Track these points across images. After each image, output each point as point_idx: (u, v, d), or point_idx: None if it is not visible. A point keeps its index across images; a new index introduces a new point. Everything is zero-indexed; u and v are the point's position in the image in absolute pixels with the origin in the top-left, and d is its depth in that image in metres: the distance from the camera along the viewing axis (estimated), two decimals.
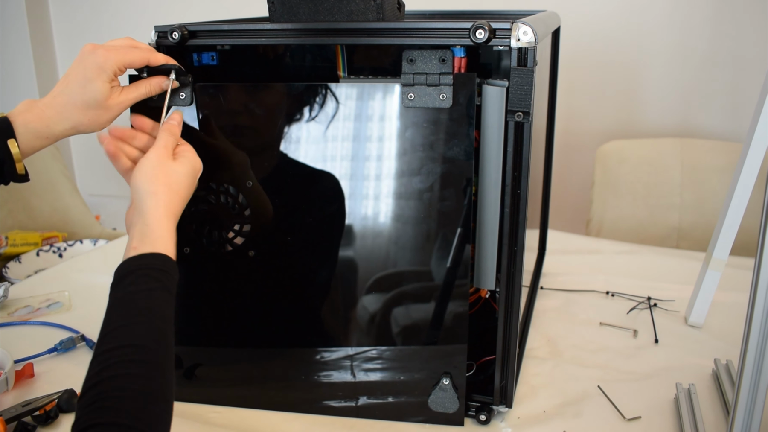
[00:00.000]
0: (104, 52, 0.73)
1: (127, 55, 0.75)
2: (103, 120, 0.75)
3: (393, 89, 0.78)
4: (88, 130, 0.75)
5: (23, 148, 0.72)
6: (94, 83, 0.73)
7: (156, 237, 0.66)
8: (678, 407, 0.86)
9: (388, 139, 0.79)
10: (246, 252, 0.85)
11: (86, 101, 0.73)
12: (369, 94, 0.79)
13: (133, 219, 0.69)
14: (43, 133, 0.72)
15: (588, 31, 1.93)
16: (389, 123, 0.79)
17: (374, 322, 0.84)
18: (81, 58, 0.74)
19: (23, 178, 0.73)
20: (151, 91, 0.78)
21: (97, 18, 2.48)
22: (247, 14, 1.18)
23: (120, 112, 0.76)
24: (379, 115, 0.79)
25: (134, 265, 0.64)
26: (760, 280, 0.61)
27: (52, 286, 1.26)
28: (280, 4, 0.83)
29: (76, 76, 0.73)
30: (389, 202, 0.81)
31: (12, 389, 0.91)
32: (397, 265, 0.82)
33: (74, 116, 0.73)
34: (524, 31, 0.73)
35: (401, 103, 0.77)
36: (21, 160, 0.72)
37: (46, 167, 2.10)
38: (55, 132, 0.73)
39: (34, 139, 0.72)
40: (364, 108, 0.79)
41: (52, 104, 0.73)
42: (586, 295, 1.22)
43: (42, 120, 0.72)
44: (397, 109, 0.78)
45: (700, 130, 1.93)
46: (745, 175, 0.99)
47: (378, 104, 0.79)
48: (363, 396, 0.86)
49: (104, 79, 0.73)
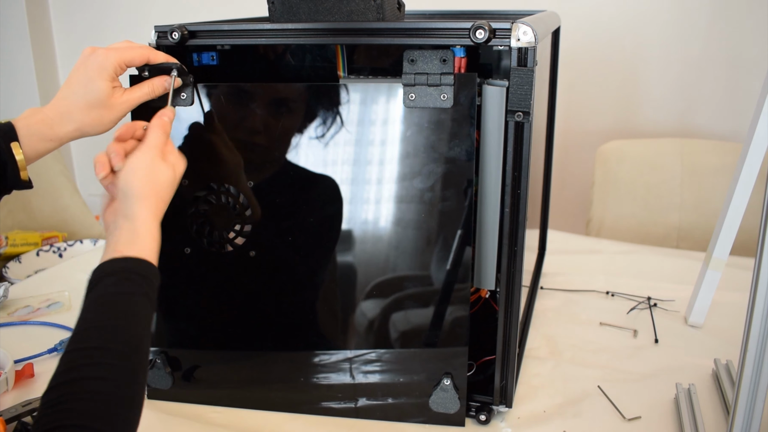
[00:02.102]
0: (104, 52, 0.74)
1: (127, 53, 0.75)
2: (107, 120, 0.74)
3: (394, 89, 0.78)
4: (92, 132, 0.75)
5: (27, 151, 0.71)
6: (95, 82, 0.73)
7: (145, 244, 0.65)
8: (678, 407, 0.86)
9: (389, 139, 0.79)
10: (246, 252, 0.85)
11: (89, 101, 0.73)
12: (369, 94, 0.79)
13: (118, 221, 0.68)
14: (47, 135, 0.72)
15: (588, 31, 1.93)
16: (390, 123, 0.79)
17: (375, 326, 0.84)
18: (82, 60, 0.74)
19: (26, 185, 0.73)
20: (154, 90, 0.78)
21: (97, 18, 2.48)
22: (247, 14, 1.18)
23: (123, 112, 0.76)
24: (380, 115, 0.79)
25: (117, 267, 0.64)
26: (760, 280, 0.61)
27: (52, 286, 1.26)
28: (280, 4, 0.83)
29: (78, 77, 0.73)
30: (390, 204, 0.81)
31: (12, 389, 0.91)
32: (397, 268, 0.82)
33: (78, 117, 0.73)
34: (524, 31, 0.73)
35: (402, 103, 0.77)
36: (25, 165, 0.71)
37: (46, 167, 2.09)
38: (59, 134, 0.73)
39: (38, 142, 0.72)
40: (365, 108, 0.79)
41: (55, 107, 0.73)
42: (586, 295, 1.22)
43: (45, 122, 0.72)
44: (398, 110, 0.78)
45: (700, 130, 1.93)
46: (745, 175, 0.99)
47: (378, 104, 0.79)
48: (362, 397, 0.86)
49: (105, 78, 0.73)
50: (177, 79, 0.79)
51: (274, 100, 0.81)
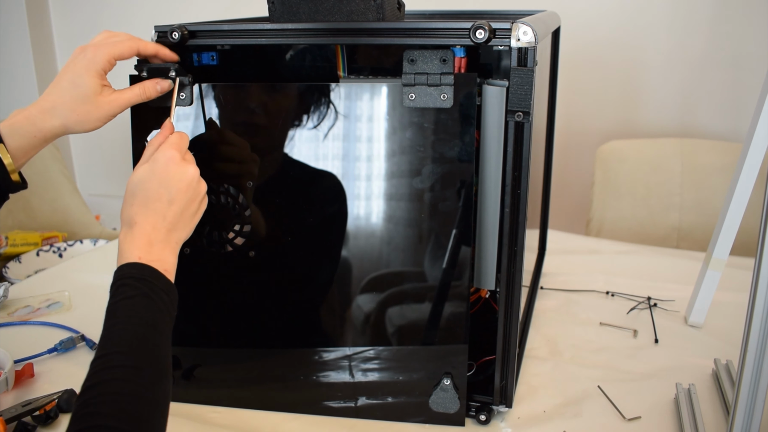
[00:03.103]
0: (93, 49, 0.74)
1: (115, 48, 0.74)
2: (93, 117, 0.73)
3: (394, 89, 0.78)
4: (78, 128, 0.74)
5: (13, 151, 0.70)
6: (82, 77, 0.72)
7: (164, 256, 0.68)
8: (678, 407, 0.86)
9: (389, 139, 0.79)
10: (246, 252, 0.85)
11: (75, 96, 0.72)
12: (369, 94, 0.79)
13: (136, 217, 0.69)
14: (29, 131, 0.71)
15: (588, 31, 1.93)
16: (390, 123, 0.79)
17: (375, 324, 0.84)
18: (71, 58, 0.74)
19: (20, 186, 0.72)
20: (145, 92, 0.77)
21: (97, 18, 2.48)
22: (247, 14, 1.18)
23: (111, 111, 0.75)
24: (380, 115, 0.79)
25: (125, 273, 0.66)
26: (760, 280, 0.61)
27: (52, 286, 1.26)
28: (280, 4, 0.83)
29: (66, 74, 0.73)
30: (389, 203, 0.81)
31: (12, 389, 0.91)
32: (394, 266, 0.82)
33: (63, 113, 0.72)
34: (524, 31, 0.73)
35: (402, 103, 0.77)
36: (14, 167, 0.70)
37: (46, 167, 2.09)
38: (44, 130, 0.72)
39: (21, 139, 0.71)
40: (365, 108, 0.79)
41: (39, 104, 0.72)
42: (586, 295, 1.22)
43: (29, 119, 0.71)
44: (398, 109, 0.78)
45: (700, 130, 1.93)
46: (745, 175, 0.99)
47: (378, 104, 0.79)
48: (362, 397, 0.86)
49: (93, 74, 0.73)
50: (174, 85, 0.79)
51: (274, 101, 0.81)
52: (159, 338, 0.63)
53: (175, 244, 0.71)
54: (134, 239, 0.68)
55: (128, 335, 0.61)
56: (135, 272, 0.65)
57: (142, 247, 0.67)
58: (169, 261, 0.69)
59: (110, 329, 0.61)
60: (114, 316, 0.62)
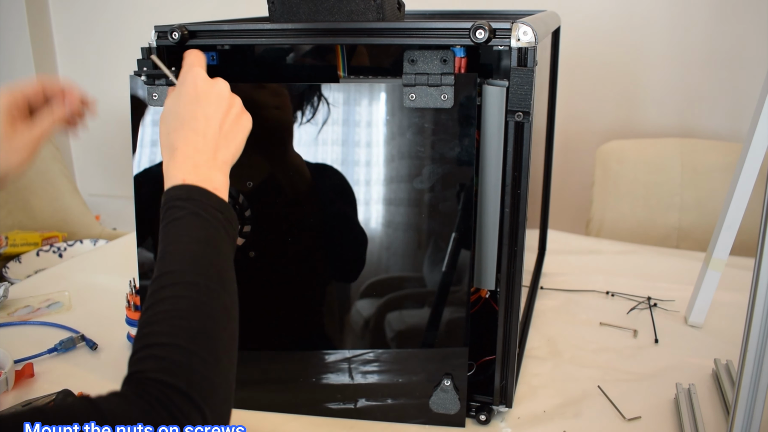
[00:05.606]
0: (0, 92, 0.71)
1: (16, 88, 0.72)
2: (13, 162, 0.70)
3: (394, 89, 0.78)
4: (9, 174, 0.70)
5: None
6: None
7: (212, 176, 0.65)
8: (678, 407, 0.86)
9: (389, 139, 0.79)
10: (246, 253, 0.85)
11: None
12: (369, 94, 0.79)
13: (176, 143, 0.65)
14: None
15: (588, 31, 1.93)
16: (390, 123, 0.79)
17: (375, 328, 0.84)
18: None
19: None
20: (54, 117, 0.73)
21: (97, 18, 2.48)
22: (247, 14, 1.18)
23: (32, 151, 0.71)
24: (380, 115, 0.79)
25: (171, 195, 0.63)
26: (760, 280, 0.61)
27: (52, 286, 1.26)
28: (280, 4, 0.83)
29: None
30: (388, 204, 0.81)
31: (12, 389, 0.91)
32: (392, 269, 0.82)
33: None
34: (524, 31, 0.73)
35: (402, 103, 0.77)
36: None
37: (46, 167, 2.09)
38: None
39: None
40: (365, 108, 0.79)
41: None
42: (586, 295, 1.22)
43: None
44: (398, 110, 0.78)
45: (700, 130, 1.93)
46: (745, 175, 0.99)
47: (378, 104, 0.79)
48: (362, 398, 0.86)
49: None
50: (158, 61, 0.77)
51: (274, 100, 0.81)
52: (213, 253, 0.61)
53: (222, 164, 0.67)
54: (177, 164, 0.64)
55: (179, 254, 0.59)
56: (182, 193, 0.62)
57: (188, 169, 0.64)
58: (218, 179, 0.65)
59: (162, 253, 0.59)
60: (165, 239, 0.60)
